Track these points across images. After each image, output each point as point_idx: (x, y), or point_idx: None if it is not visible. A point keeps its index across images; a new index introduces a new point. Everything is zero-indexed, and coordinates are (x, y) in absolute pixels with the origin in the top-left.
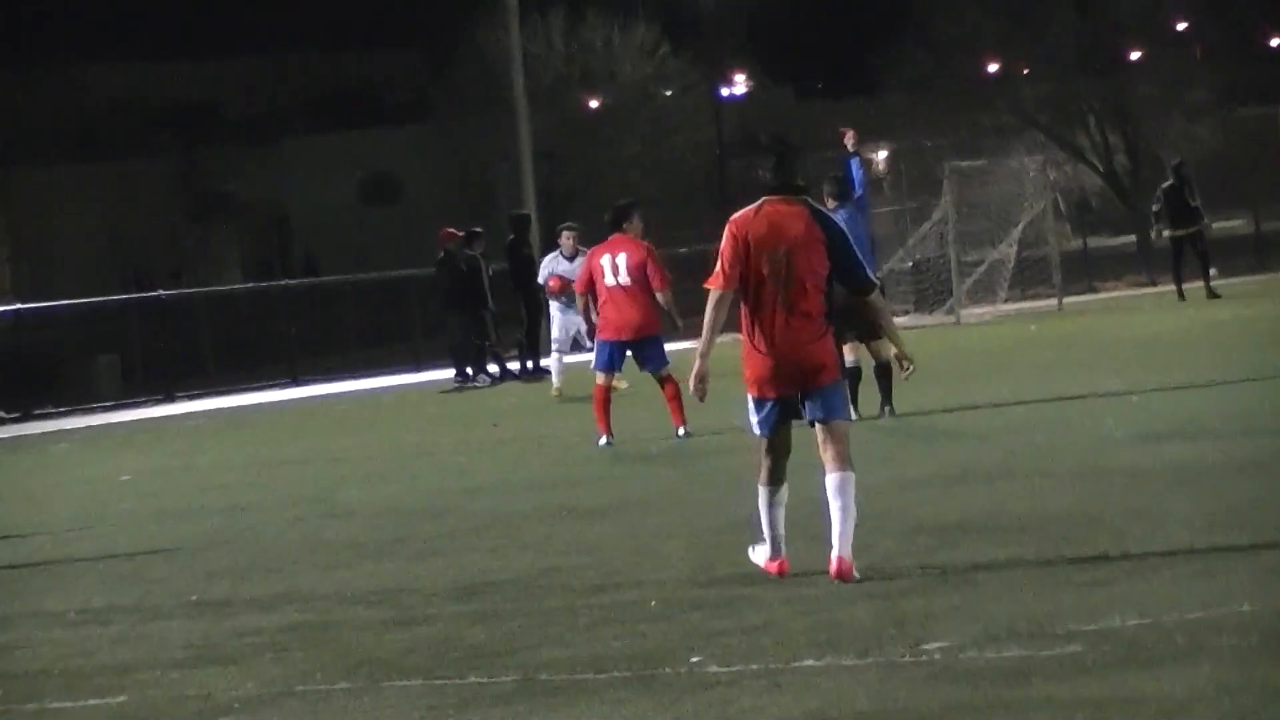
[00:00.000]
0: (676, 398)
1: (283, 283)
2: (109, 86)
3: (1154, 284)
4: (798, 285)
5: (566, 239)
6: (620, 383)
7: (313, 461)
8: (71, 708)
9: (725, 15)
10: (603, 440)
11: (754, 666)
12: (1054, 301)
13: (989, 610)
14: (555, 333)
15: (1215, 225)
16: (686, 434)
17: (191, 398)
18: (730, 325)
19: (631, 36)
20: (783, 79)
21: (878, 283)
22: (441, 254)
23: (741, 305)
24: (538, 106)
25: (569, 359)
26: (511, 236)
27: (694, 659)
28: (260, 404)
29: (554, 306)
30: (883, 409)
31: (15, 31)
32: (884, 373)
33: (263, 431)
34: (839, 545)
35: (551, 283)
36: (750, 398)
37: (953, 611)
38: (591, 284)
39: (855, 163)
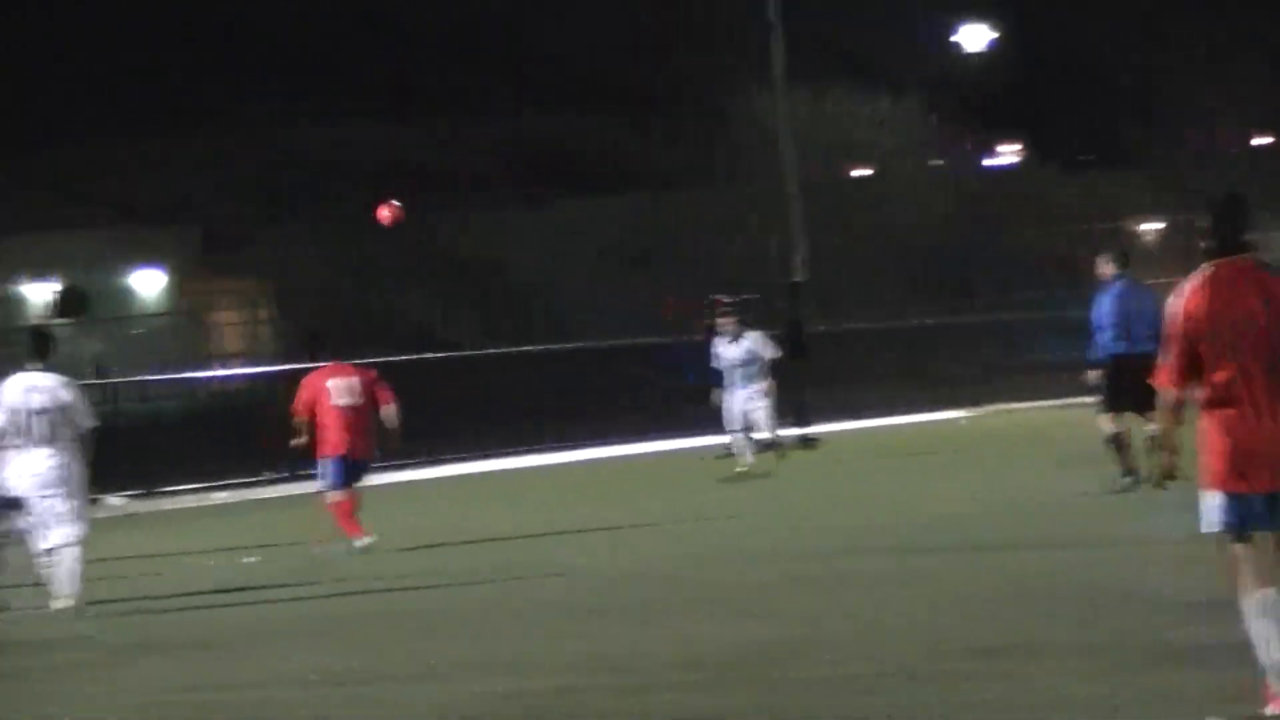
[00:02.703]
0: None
1: (553, 346)
2: (329, 147)
3: None
4: (1276, 357)
5: (728, 322)
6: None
7: (569, 526)
8: None
9: (990, 88)
10: (363, 541)
11: None
12: None
13: None
14: (732, 414)
15: None
16: (361, 547)
17: (448, 461)
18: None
19: (900, 105)
20: (1048, 150)
21: None
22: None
23: (1202, 385)
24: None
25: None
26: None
27: None
28: (528, 467)
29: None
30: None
31: (233, 93)
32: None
33: (539, 495)
34: None
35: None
36: (1208, 492)
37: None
38: (312, 408)
39: None
